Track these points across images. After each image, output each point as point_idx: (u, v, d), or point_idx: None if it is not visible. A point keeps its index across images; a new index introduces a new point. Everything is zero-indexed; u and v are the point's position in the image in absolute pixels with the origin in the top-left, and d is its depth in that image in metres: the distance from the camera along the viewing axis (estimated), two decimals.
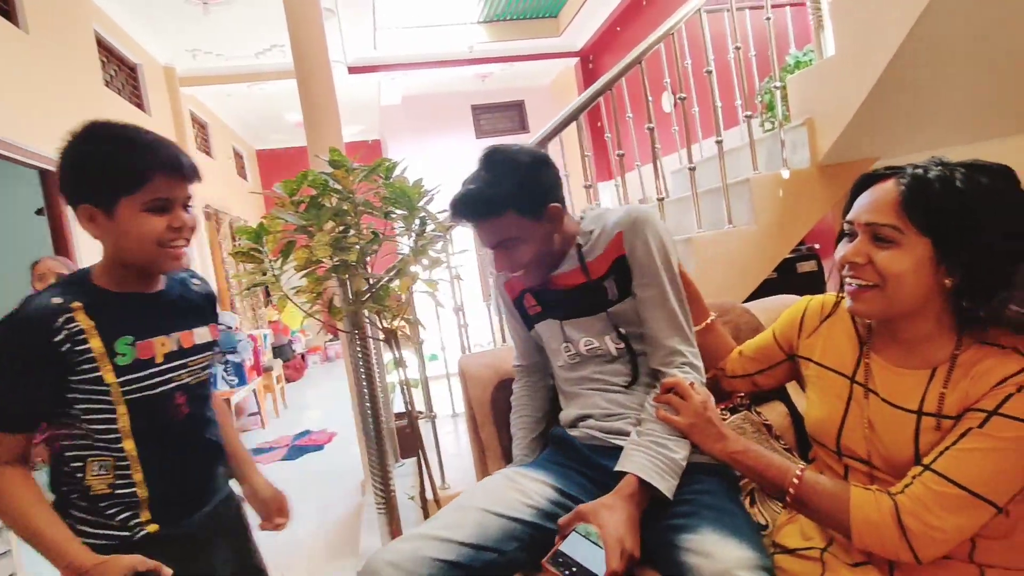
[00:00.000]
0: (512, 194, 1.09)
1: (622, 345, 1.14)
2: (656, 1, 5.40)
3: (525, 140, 2.24)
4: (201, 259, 5.81)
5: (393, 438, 2.89)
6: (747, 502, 1.16)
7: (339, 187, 1.77)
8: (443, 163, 7.35)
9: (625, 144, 3.41)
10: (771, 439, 1.44)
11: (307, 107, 2.87)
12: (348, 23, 5.36)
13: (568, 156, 2.64)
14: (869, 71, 2.03)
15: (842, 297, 1.00)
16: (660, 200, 2.32)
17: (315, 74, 2.88)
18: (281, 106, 7.11)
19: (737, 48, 2.45)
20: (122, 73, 4.91)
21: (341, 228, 1.79)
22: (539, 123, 7.88)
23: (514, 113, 8.08)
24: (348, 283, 1.90)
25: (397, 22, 5.97)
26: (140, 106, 5.08)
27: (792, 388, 1.37)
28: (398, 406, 2.75)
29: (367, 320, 1.95)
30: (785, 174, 2.38)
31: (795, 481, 0.89)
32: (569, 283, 1.18)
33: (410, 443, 2.07)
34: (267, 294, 7.57)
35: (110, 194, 0.91)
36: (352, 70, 6.30)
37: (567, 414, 1.22)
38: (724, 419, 1.27)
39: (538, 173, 1.13)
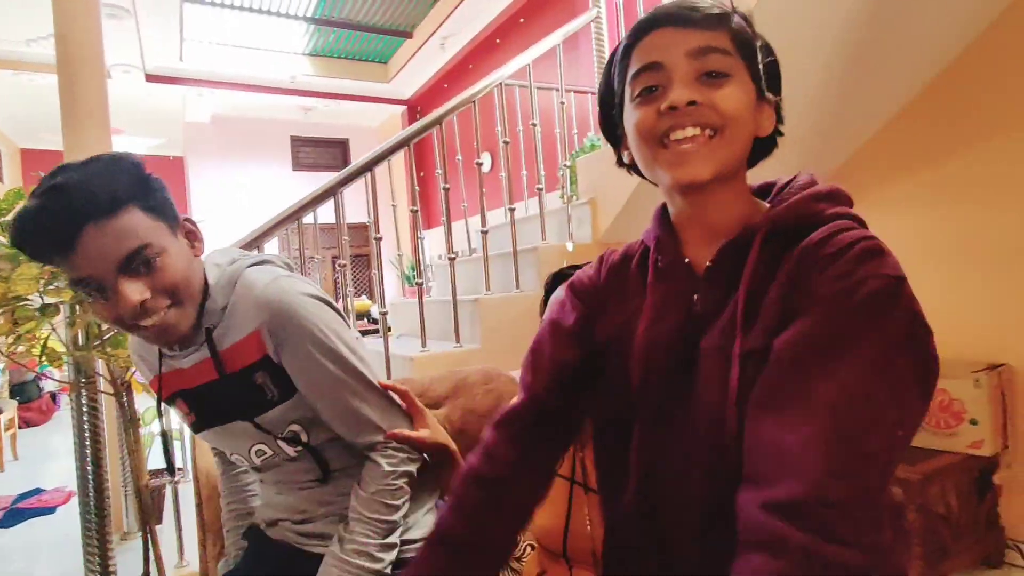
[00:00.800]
0: (132, 185, 0.77)
1: (299, 447, 0.93)
2: (481, 66, 5.68)
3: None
4: None
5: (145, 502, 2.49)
6: None
7: None
8: (254, 192, 6.88)
9: (435, 201, 3.44)
10: None
11: (67, 108, 2.50)
12: (149, 28, 4.85)
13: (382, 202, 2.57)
14: None
15: None
16: (451, 259, 2.35)
17: (81, 72, 2.53)
18: (56, 101, 6.15)
19: (534, 125, 2.62)
20: None
21: None
22: None
23: (337, 151, 7.86)
24: (76, 324, 1.62)
25: (210, 36, 5.55)
26: None
27: None
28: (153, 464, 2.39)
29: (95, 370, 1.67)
30: (570, 247, 2.56)
31: None
32: (207, 378, 0.90)
33: (157, 509, 1.78)
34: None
35: None
36: (151, 78, 5.69)
37: (262, 513, 1.04)
38: None
39: (154, 178, 0.82)
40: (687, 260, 0.65)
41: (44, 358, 1.55)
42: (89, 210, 0.72)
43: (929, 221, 2.15)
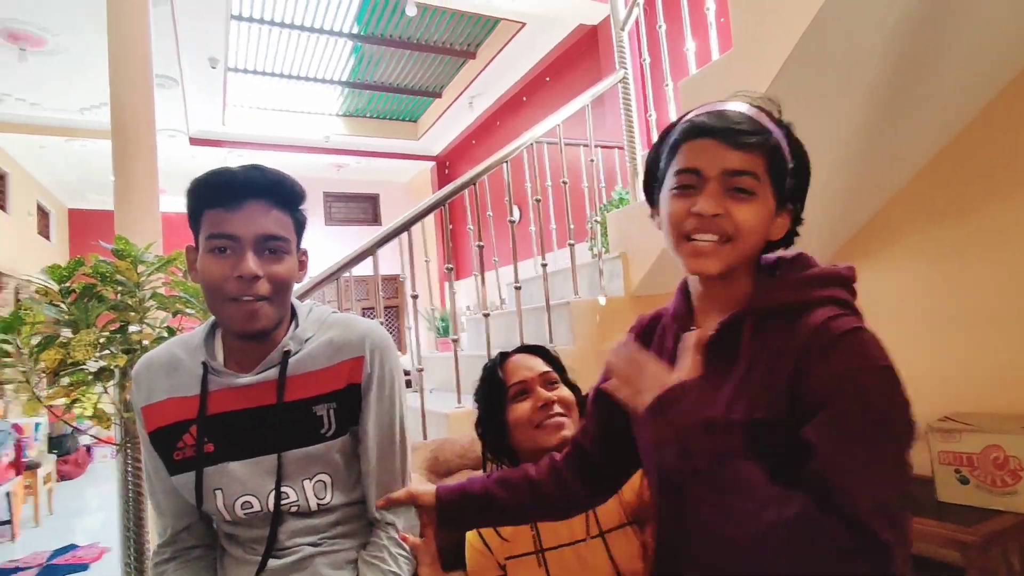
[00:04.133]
0: (297, 200, 0.94)
1: (323, 500, 0.93)
2: (508, 123, 5.84)
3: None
4: None
5: None
6: None
7: (123, 278, 1.58)
8: None
9: (461, 253, 3.50)
10: None
11: (120, 171, 2.66)
12: (195, 96, 5.14)
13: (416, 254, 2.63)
14: None
15: None
16: (486, 315, 2.37)
17: (134, 138, 2.70)
18: (105, 165, 6.48)
19: (564, 183, 2.68)
20: None
21: (118, 326, 1.58)
22: (393, 218, 7.92)
23: (368, 205, 8.08)
24: (127, 388, 1.66)
25: (250, 101, 5.84)
26: None
27: None
28: None
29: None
30: (602, 301, 2.56)
31: None
32: (263, 401, 0.91)
33: None
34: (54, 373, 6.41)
35: None
36: (195, 141, 5.98)
37: None
38: None
39: (305, 211, 0.98)
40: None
41: (94, 420, 1.59)
42: (269, 191, 0.89)
43: (968, 271, 2.10)
